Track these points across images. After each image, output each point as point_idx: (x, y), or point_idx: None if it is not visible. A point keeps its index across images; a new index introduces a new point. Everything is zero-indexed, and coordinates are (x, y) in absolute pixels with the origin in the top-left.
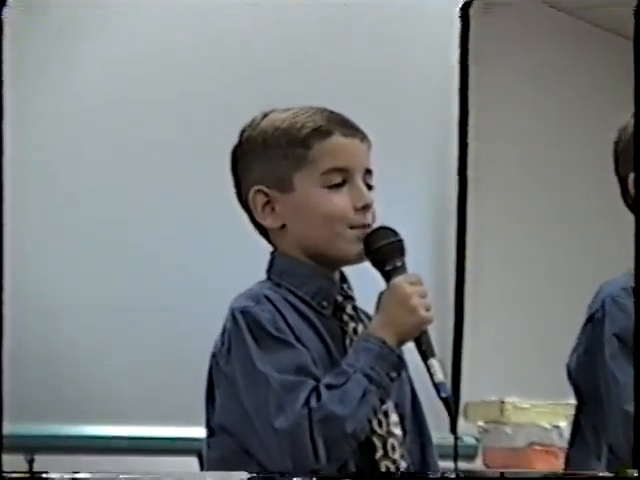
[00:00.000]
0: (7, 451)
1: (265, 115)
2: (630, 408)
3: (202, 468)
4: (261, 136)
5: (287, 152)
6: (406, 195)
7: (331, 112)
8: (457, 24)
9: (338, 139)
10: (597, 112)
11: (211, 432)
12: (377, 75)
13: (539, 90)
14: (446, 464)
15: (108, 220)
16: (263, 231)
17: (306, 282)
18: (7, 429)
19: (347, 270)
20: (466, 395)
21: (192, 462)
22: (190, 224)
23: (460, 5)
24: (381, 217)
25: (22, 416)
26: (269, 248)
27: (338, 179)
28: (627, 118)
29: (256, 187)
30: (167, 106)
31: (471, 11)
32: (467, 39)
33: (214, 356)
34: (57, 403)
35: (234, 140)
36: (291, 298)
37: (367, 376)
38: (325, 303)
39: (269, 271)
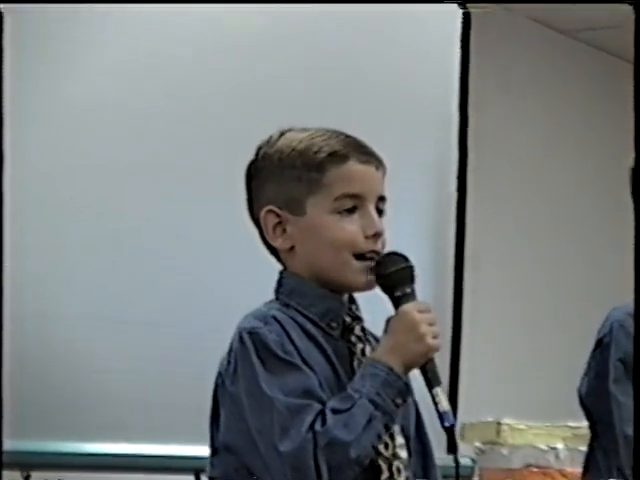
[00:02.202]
0: (3, 467)
1: (282, 134)
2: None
3: None
4: (277, 155)
5: (301, 174)
6: (404, 207)
7: (348, 136)
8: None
9: (353, 165)
10: (593, 123)
11: (215, 451)
12: (377, 84)
13: (536, 103)
14: None
15: (109, 229)
16: (273, 250)
17: (315, 303)
18: (4, 445)
19: None
20: (463, 416)
21: None
22: (192, 237)
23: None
24: None
25: (19, 432)
26: (267, 265)
27: (350, 204)
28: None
29: (268, 207)
30: (167, 111)
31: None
32: (468, 53)
33: (220, 375)
34: (54, 420)
35: (232, 148)
36: (299, 319)
37: (373, 402)
38: (334, 324)
39: (277, 291)
